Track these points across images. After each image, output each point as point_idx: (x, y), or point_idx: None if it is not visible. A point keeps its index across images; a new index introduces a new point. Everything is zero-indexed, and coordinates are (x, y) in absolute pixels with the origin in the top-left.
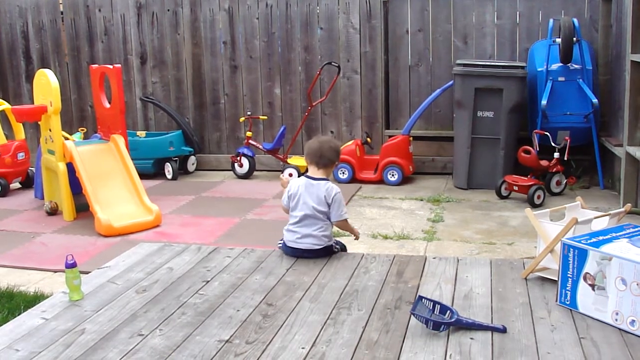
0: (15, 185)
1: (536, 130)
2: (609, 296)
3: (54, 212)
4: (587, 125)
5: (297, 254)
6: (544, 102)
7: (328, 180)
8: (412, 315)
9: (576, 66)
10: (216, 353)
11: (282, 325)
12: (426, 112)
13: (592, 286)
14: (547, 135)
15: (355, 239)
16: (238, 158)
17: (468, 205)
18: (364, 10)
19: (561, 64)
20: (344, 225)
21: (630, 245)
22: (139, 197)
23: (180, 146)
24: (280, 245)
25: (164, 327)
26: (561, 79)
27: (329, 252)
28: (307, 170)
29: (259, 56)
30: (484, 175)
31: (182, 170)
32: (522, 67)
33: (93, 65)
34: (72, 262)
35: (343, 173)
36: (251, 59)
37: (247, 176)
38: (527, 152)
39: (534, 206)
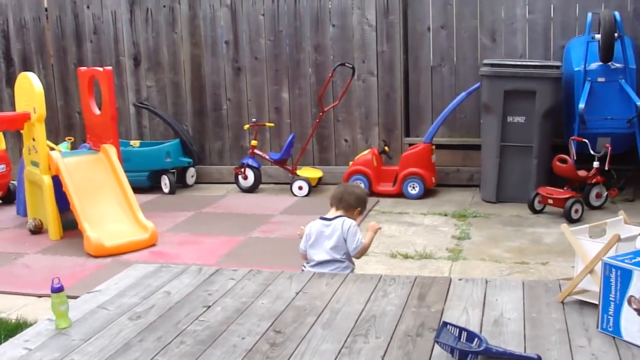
0: None
1: (573, 137)
2: None
3: (38, 230)
4: (630, 130)
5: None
6: (581, 105)
7: (344, 216)
8: (435, 344)
9: (618, 65)
10: None
11: (291, 355)
12: (450, 118)
13: (638, 310)
14: (585, 142)
15: (379, 229)
16: (242, 170)
17: (497, 220)
18: (380, 5)
19: (601, 63)
20: (365, 249)
21: None
22: (132, 214)
23: (178, 157)
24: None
25: (161, 358)
26: (601, 79)
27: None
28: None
29: (264, 57)
30: (514, 188)
31: (180, 184)
32: (557, 67)
33: (81, 68)
34: (58, 285)
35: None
36: (256, 60)
37: (252, 190)
38: (563, 161)
39: (572, 221)
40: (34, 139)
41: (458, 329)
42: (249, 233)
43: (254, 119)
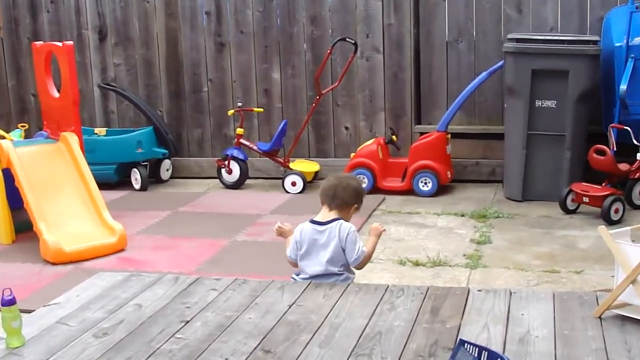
0: None
1: (613, 125)
2: None
3: None
4: None
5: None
6: (623, 87)
7: (340, 219)
8: None
9: None
10: None
11: None
12: (468, 102)
13: None
14: (627, 130)
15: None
16: (226, 162)
17: (523, 222)
18: None
19: None
20: (367, 258)
21: None
22: (97, 213)
23: (151, 147)
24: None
25: None
26: None
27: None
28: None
29: (252, 31)
30: (544, 184)
31: (153, 178)
32: (595, 42)
33: (37, 43)
34: (10, 297)
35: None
36: (242, 35)
37: (237, 185)
38: (601, 152)
39: (611, 223)
40: None
41: (477, 349)
42: (234, 236)
43: (239, 103)
